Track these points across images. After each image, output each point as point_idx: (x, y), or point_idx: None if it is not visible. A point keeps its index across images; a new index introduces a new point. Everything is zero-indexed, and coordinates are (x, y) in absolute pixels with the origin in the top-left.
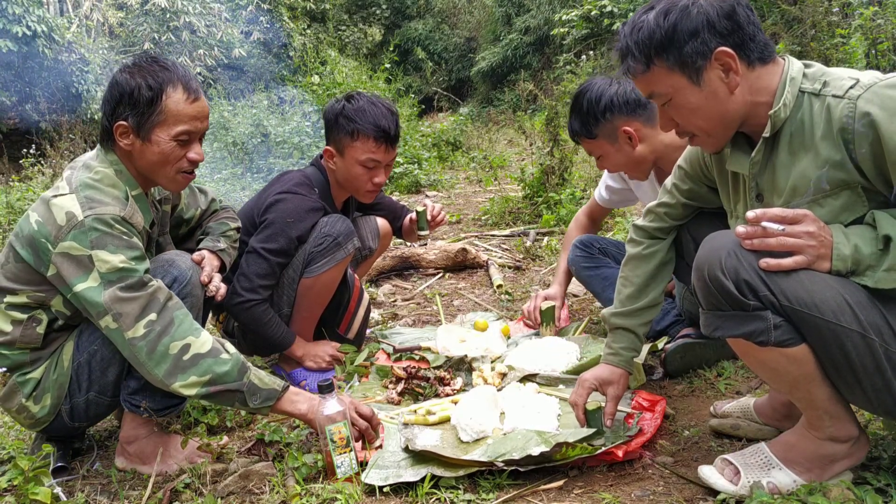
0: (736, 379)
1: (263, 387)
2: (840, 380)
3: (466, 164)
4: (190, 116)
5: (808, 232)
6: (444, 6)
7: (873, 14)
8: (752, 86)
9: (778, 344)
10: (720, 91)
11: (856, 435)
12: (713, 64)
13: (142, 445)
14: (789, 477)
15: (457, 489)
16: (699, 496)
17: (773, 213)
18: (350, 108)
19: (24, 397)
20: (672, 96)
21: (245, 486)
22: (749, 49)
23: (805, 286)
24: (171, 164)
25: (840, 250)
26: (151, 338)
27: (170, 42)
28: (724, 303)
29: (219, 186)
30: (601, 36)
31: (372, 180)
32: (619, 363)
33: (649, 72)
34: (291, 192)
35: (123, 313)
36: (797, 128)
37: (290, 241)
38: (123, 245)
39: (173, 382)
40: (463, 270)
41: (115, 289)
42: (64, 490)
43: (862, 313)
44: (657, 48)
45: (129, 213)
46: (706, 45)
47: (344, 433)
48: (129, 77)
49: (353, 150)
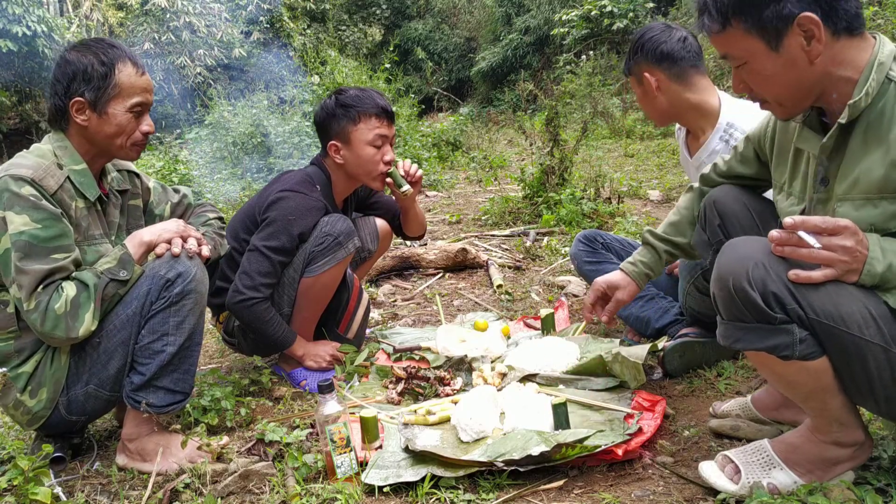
0: (736, 379)
1: (115, 261)
2: (854, 388)
3: (466, 164)
4: (141, 88)
5: (843, 246)
6: (444, 6)
7: (873, 14)
8: (835, 57)
9: (801, 358)
10: (799, 60)
11: (861, 440)
12: (795, 30)
13: (143, 443)
14: (790, 478)
15: (457, 489)
16: (699, 496)
17: (813, 222)
18: (344, 98)
19: (18, 391)
20: (747, 60)
21: (245, 486)
22: (837, 16)
23: (833, 299)
24: (127, 136)
25: (873, 267)
26: (41, 309)
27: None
28: (748, 315)
29: (219, 186)
30: (601, 36)
31: (382, 159)
32: (634, 274)
33: (725, 32)
34: (293, 191)
35: (23, 284)
36: (876, 117)
37: (292, 239)
38: (28, 206)
39: (77, 331)
40: (463, 270)
41: (17, 255)
42: (64, 490)
43: (886, 326)
44: (735, 8)
45: (39, 175)
46: (789, 8)
47: (344, 433)
48: (80, 55)
49: (358, 133)
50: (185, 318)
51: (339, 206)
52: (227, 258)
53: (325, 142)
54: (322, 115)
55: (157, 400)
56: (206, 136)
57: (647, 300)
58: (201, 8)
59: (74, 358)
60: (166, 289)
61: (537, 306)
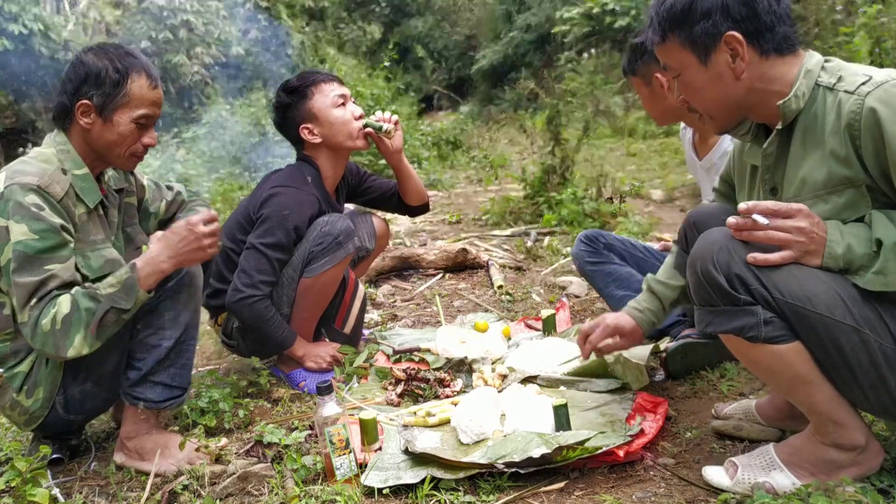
0: (739, 380)
1: (118, 286)
2: (837, 377)
3: (467, 164)
4: (151, 101)
5: (798, 227)
6: (444, 4)
7: (877, 12)
8: (763, 74)
9: (768, 340)
10: (725, 75)
11: (861, 444)
12: (722, 47)
13: (141, 442)
14: (789, 479)
15: (457, 491)
16: (701, 498)
17: (765, 205)
18: (289, 85)
19: (14, 392)
20: (681, 72)
21: (243, 487)
22: (764, 38)
23: (797, 280)
24: (127, 146)
25: (832, 248)
26: (31, 322)
27: (167, 40)
28: (715, 298)
29: (216, 185)
30: (603, 34)
31: (353, 114)
32: (641, 321)
33: (664, 44)
34: (285, 186)
35: (17, 295)
36: (811, 121)
37: (288, 234)
38: (29, 216)
39: (66, 352)
40: (463, 271)
41: (13, 266)
42: (62, 491)
43: (855, 308)
44: (672, 23)
45: (45, 182)
46: (717, 27)
47: (343, 435)
48: (96, 58)
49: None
50: (180, 312)
51: (332, 195)
52: (225, 259)
53: (295, 135)
54: (279, 114)
55: (154, 395)
56: (204, 135)
57: None
58: (199, 6)
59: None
60: (161, 283)
61: (538, 307)
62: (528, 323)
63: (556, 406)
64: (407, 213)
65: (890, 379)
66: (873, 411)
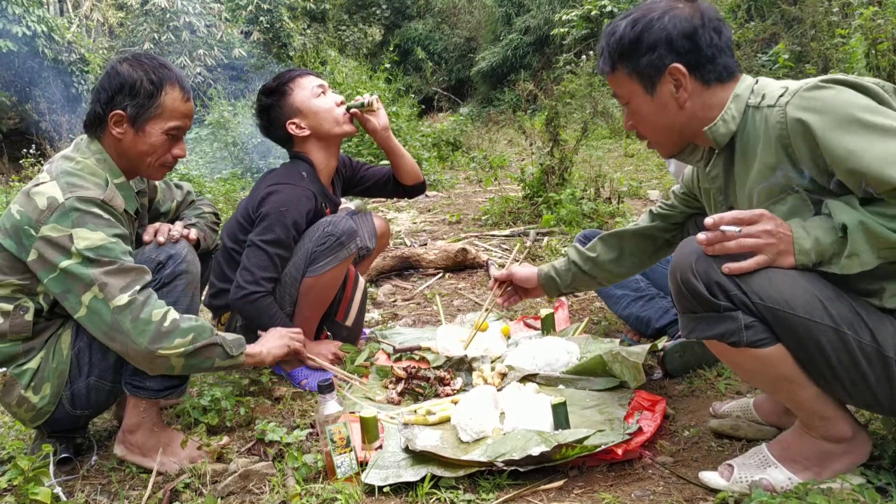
0: (736, 379)
1: (231, 338)
2: (819, 376)
3: (466, 164)
4: (183, 114)
5: (765, 230)
6: (444, 6)
7: (873, 14)
8: (705, 103)
9: (750, 344)
10: (670, 104)
11: (849, 436)
12: (666, 78)
13: (143, 437)
14: (784, 475)
15: (457, 489)
16: (699, 496)
17: (730, 216)
18: (267, 87)
19: (22, 388)
20: (629, 100)
21: (245, 485)
22: (706, 70)
23: (774, 284)
24: (157, 157)
25: (801, 244)
26: (136, 306)
27: (170, 42)
28: (696, 305)
29: (219, 186)
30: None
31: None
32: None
33: (613, 74)
34: (282, 183)
35: (109, 284)
36: (745, 141)
37: (287, 230)
38: (103, 224)
39: (158, 348)
40: (463, 270)
41: (100, 263)
42: (64, 490)
43: (832, 307)
44: (620, 54)
45: (108, 196)
46: (662, 59)
47: (344, 433)
48: (131, 69)
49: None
50: (177, 298)
51: (329, 188)
52: (227, 259)
53: (283, 134)
54: (264, 118)
55: (154, 385)
56: (207, 136)
57: (647, 300)
58: (201, 8)
59: (75, 351)
60: (157, 271)
61: (537, 306)
62: (528, 322)
63: (555, 404)
64: (405, 195)
65: (870, 375)
66: (855, 404)
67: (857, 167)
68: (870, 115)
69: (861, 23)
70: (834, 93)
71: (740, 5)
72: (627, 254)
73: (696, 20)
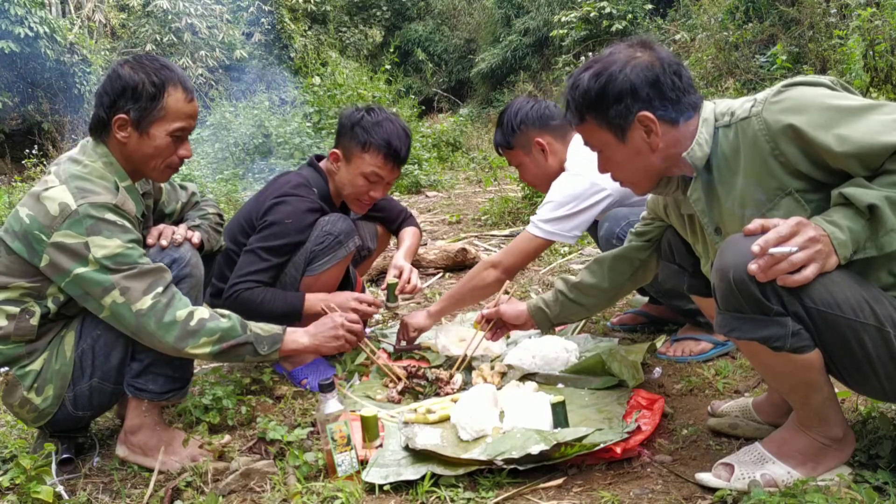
0: (734, 378)
1: (266, 334)
2: (856, 372)
3: (466, 165)
4: (186, 115)
5: (810, 238)
6: (444, 8)
7: (871, 15)
8: (676, 139)
9: (792, 350)
10: (643, 149)
11: (840, 437)
12: (636, 125)
13: (145, 437)
14: (783, 469)
15: (456, 487)
16: (697, 494)
17: (773, 237)
18: (368, 121)
19: (25, 390)
20: (601, 149)
21: (246, 484)
22: (672, 111)
23: (827, 287)
24: (163, 159)
25: (838, 238)
26: (159, 308)
27: (172, 43)
28: (745, 306)
29: (220, 186)
30: (600, 37)
31: (369, 193)
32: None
33: (583, 125)
34: (290, 195)
35: (131, 287)
36: (721, 160)
37: (289, 242)
38: (118, 230)
39: (185, 346)
40: (463, 270)
41: (118, 268)
42: (66, 489)
43: (876, 307)
44: (588, 106)
45: (120, 200)
46: (629, 109)
47: (344, 432)
48: (132, 72)
49: (359, 161)
50: None
51: (338, 207)
52: (227, 260)
53: (336, 144)
54: (343, 121)
55: (156, 387)
56: (208, 136)
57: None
58: (203, 9)
59: (78, 354)
60: None
61: None
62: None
63: (554, 403)
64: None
65: None
66: (886, 398)
67: (852, 148)
68: (840, 100)
69: (859, 24)
70: (800, 92)
71: (738, 6)
72: (608, 277)
73: (656, 68)
